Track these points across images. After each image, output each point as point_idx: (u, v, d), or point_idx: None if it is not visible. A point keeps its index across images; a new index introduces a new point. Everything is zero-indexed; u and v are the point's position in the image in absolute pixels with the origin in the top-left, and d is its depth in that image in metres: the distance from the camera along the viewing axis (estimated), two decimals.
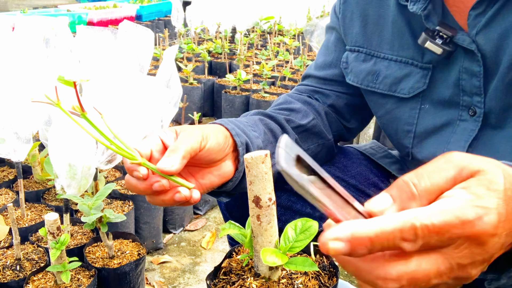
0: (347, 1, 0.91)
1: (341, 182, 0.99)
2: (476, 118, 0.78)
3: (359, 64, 0.90)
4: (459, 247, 0.40)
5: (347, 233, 0.38)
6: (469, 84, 0.77)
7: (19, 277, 1.17)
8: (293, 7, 4.95)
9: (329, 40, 1.00)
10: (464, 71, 0.77)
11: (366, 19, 0.88)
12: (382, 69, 0.86)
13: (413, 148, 0.88)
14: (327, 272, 0.74)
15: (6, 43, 1.34)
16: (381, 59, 0.87)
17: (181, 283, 1.58)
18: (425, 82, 0.82)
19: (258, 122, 0.82)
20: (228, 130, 0.73)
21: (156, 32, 5.52)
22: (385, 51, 0.86)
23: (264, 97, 2.96)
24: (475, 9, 0.72)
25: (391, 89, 0.86)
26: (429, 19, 0.77)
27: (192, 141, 0.64)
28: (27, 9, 5.70)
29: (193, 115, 2.06)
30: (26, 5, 8.07)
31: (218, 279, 0.74)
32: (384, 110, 0.90)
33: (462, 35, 0.75)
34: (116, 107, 1.31)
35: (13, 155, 1.28)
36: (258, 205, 0.64)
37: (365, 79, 0.89)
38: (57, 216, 1.02)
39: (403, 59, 0.84)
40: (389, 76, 0.85)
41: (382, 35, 0.86)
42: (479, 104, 0.77)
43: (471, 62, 0.75)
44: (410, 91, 0.84)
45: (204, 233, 1.89)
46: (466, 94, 0.78)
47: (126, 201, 1.59)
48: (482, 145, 0.78)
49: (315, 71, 1.01)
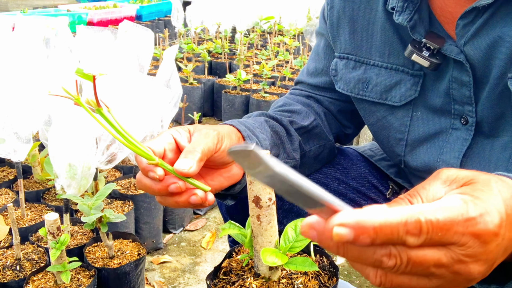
0: (334, 7, 0.89)
1: (341, 184, 0.99)
2: (468, 127, 0.77)
3: (348, 71, 0.88)
4: (463, 245, 0.40)
5: (353, 220, 0.38)
6: (459, 94, 0.76)
7: (19, 277, 1.17)
8: (293, 7, 4.95)
9: (319, 46, 0.98)
10: (454, 80, 0.75)
11: (354, 25, 0.86)
12: (372, 77, 0.85)
13: (405, 156, 0.87)
14: (327, 272, 0.74)
15: (6, 43, 1.34)
16: (371, 66, 0.85)
17: (181, 283, 1.58)
18: (416, 90, 0.80)
19: (264, 123, 0.82)
20: (240, 131, 0.73)
21: (156, 32, 5.52)
22: (375, 58, 0.84)
23: (264, 97, 2.96)
24: (463, 18, 0.71)
25: (382, 97, 0.84)
26: (416, 30, 0.75)
27: (209, 142, 0.63)
28: (27, 9, 5.70)
29: (193, 115, 2.06)
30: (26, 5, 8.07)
31: (218, 279, 0.74)
32: (375, 118, 0.89)
33: (450, 45, 0.73)
34: (116, 107, 1.31)
35: (13, 155, 1.28)
36: (258, 205, 0.64)
37: (355, 87, 0.87)
38: (57, 216, 1.02)
39: (394, 66, 0.82)
40: (379, 84, 0.84)
41: (371, 41, 0.84)
42: (471, 113, 0.75)
43: (460, 72, 0.74)
44: (402, 99, 0.82)
45: (204, 233, 1.89)
46: (457, 103, 0.77)
47: (126, 201, 1.59)
48: (476, 154, 0.77)
49: (307, 78, 1.00)
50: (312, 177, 0.97)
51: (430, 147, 0.82)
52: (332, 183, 0.98)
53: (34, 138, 1.48)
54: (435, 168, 0.80)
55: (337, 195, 0.98)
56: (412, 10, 0.74)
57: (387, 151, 0.94)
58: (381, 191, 1.02)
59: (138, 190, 1.66)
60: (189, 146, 0.63)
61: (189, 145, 0.63)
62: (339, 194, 0.98)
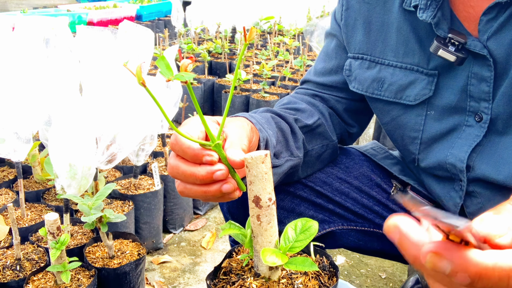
0: (350, 8, 0.90)
1: (344, 184, 0.99)
2: (482, 124, 0.78)
3: (363, 71, 0.90)
4: None
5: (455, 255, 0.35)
6: (477, 90, 0.77)
7: (19, 277, 1.17)
8: (293, 7, 4.95)
9: (328, 46, 0.99)
10: (473, 76, 0.76)
11: (370, 26, 0.87)
12: (387, 76, 0.86)
13: (419, 154, 0.88)
14: (327, 272, 0.74)
15: (6, 43, 1.34)
16: (385, 66, 0.86)
17: (181, 283, 1.58)
18: (431, 89, 0.82)
19: (270, 119, 0.82)
20: (254, 124, 0.73)
21: (156, 32, 5.52)
22: (390, 58, 0.85)
23: (264, 97, 2.96)
24: (486, 14, 0.72)
25: (397, 96, 0.86)
26: (439, 27, 0.76)
27: (248, 134, 0.64)
28: (27, 9, 5.70)
29: (193, 115, 2.06)
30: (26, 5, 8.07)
31: (218, 279, 0.74)
32: (389, 117, 0.90)
33: (473, 40, 0.75)
34: (116, 107, 1.31)
35: (13, 155, 1.28)
36: (258, 205, 0.64)
37: (370, 87, 0.89)
38: (57, 216, 1.02)
39: (408, 65, 0.83)
40: (394, 83, 0.85)
41: (386, 42, 0.85)
42: (486, 110, 0.77)
43: (481, 67, 0.75)
44: (416, 98, 0.83)
45: (204, 233, 1.89)
46: (474, 99, 0.78)
47: (126, 201, 1.59)
48: (486, 151, 0.78)
49: (315, 77, 1.01)
50: (315, 176, 0.97)
51: (443, 144, 0.83)
52: (335, 182, 0.98)
53: (34, 138, 1.48)
54: (444, 163, 0.82)
55: (339, 194, 0.98)
56: (435, 7, 0.76)
57: (401, 150, 0.95)
58: (385, 190, 1.02)
59: (138, 190, 1.66)
60: (235, 137, 0.63)
61: (233, 136, 0.63)
62: (342, 194, 0.98)
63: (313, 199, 0.96)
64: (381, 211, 0.97)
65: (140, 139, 1.47)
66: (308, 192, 0.96)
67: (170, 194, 1.81)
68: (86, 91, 1.31)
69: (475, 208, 0.82)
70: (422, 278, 1.12)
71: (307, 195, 0.95)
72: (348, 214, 0.98)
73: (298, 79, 3.27)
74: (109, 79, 1.29)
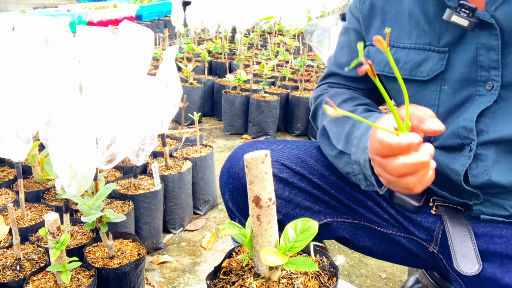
0: (366, 1, 0.99)
1: (340, 178, 1.01)
2: (493, 92, 0.83)
3: (380, 54, 0.97)
4: None
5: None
6: (487, 59, 0.82)
7: (19, 277, 1.17)
8: (293, 7, 4.94)
9: (350, 40, 1.06)
10: (482, 47, 0.82)
11: (385, 16, 0.95)
12: (402, 57, 0.93)
13: None
14: (327, 272, 0.74)
15: (6, 43, 1.34)
16: (400, 49, 0.93)
17: (181, 283, 1.58)
18: (442, 64, 0.88)
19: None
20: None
21: (156, 32, 5.52)
22: (404, 41, 0.93)
23: (264, 97, 2.96)
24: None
25: (411, 73, 0.92)
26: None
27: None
28: (27, 9, 5.71)
29: (193, 115, 2.06)
30: (26, 5, 8.07)
31: (218, 279, 0.74)
32: None
33: (480, 11, 0.80)
34: (116, 107, 1.31)
35: (13, 155, 1.28)
36: (258, 205, 0.64)
37: (386, 66, 0.96)
38: (57, 216, 1.02)
39: (421, 45, 0.90)
40: (408, 62, 0.92)
41: (401, 28, 0.93)
42: (497, 78, 0.82)
43: (488, 37, 0.81)
44: (429, 73, 0.90)
45: (204, 233, 1.89)
46: (484, 69, 0.83)
47: (126, 201, 1.59)
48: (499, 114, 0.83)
49: (341, 70, 1.08)
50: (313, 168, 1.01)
51: (457, 115, 0.89)
52: (331, 175, 1.01)
53: (34, 138, 1.48)
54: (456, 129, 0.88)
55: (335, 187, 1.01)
56: None
57: None
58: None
59: (138, 190, 1.66)
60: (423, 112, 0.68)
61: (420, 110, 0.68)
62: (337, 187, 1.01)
63: (311, 191, 0.99)
64: (372, 206, 1.00)
65: (140, 139, 1.47)
66: (306, 183, 0.99)
67: (170, 194, 1.81)
68: (86, 91, 1.31)
69: (479, 171, 0.86)
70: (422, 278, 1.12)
71: (305, 186, 0.99)
72: (341, 207, 1.01)
73: (298, 79, 3.27)
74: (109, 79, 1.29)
